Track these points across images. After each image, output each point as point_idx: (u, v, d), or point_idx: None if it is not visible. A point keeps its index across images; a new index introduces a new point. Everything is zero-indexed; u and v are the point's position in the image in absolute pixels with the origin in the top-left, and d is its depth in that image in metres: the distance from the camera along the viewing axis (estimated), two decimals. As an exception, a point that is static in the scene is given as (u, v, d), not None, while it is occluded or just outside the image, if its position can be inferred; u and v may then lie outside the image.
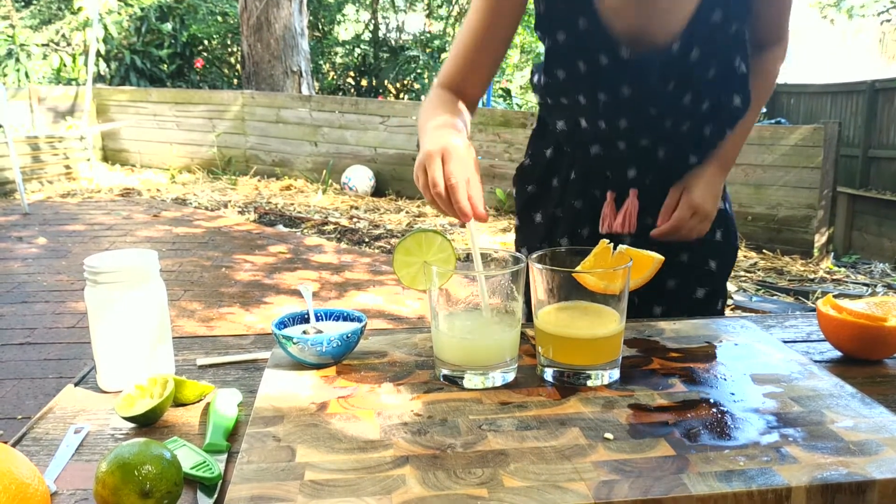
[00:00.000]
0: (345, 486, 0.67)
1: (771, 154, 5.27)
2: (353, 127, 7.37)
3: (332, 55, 11.62)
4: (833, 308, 1.01)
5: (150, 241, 5.44)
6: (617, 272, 0.88)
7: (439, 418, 0.80)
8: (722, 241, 1.30)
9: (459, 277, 0.89)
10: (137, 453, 0.66)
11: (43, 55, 11.23)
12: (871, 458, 0.71)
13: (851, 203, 6.61)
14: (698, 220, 1.21)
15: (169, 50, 10.79)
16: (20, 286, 4.32)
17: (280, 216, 6.29)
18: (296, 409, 0.82)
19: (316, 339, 0.92)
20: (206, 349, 1.06)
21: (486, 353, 0.88)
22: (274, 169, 7.95)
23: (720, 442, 0.74)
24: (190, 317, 3.77)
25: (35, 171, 7.68)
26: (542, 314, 0.91)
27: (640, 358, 0.97)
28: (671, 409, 0.82)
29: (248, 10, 8.54)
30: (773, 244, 5.35)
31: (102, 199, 7.12)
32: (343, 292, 4.25)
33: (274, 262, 4.90)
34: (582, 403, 0.83)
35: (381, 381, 0.90)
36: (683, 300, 1.28)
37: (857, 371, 0.95)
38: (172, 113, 8.49)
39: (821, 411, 0.81)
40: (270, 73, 8.66)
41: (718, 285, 1.30)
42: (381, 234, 5.74)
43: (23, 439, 0.81)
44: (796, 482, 0.67)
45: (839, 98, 8.12)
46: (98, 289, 0.91)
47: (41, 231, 5.72)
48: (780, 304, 4.15)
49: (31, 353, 3.32)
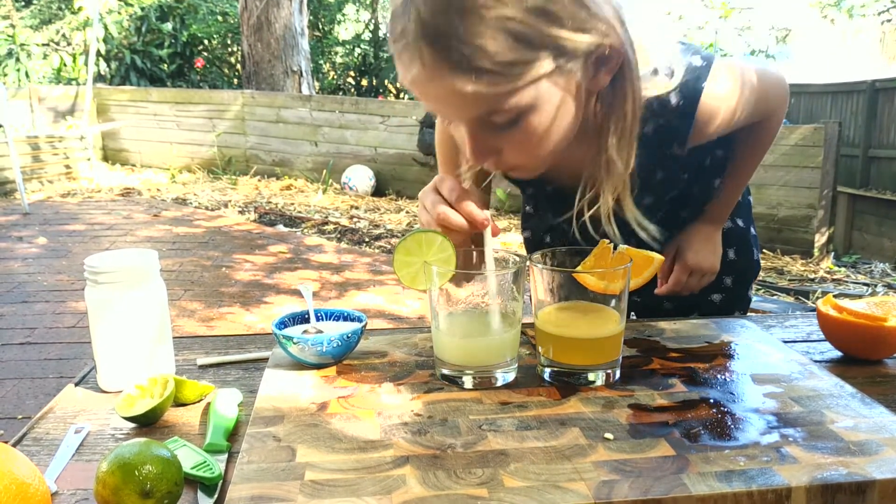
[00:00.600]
0: (345, 486, 0.67)
1: (771, 154, 5.26)
2: (353, 127, 7.37)
3: (333, 55, 11.63)
4: (833, 308, 1.01)
5: (151, 240, 5.44)
6: (617, 272, 0.88)
7: (439, 418, 0.80)
8: (736, 258, 1.28)
9: (460, 277, 0.89)
10: (138, 453, 0.66)
11: (43, 55, 11.24)
12: (872, 458, 0.71)
13: (852, 203, 6.60)
14: (698, 278, 1.21)
15: (169, 50, 10.79)
16: (20, 286, 4.32)
17: (280, 216, 6.29)
18: (296, 409, 0.82)
19: (316, 339, 0.92)
20: (207, 349, 1.06)
21: (487, 352, 0.88)
22: (274, 169, 7.95)
23: (720, 442, 0.74)
24: (190, 317, 3.77)
25: (35, 171, 7.68)
26: (542, 314, 0.91)
27: (641, 358, 0.97)
28: (671, 409, 0.82)
29: (249, 10, 8.54)
30: (774, 244, 5.35)
31: (103, 199, 7.12)
32: (343, 292, 4.25)
33: (274, 261, 4.90)
34: (582, 403, 0.83)
35: (382, 381, 0.90)
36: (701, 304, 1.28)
37: (857, 371, 0.95)
38: (173, 113, 8.49)
39: (821, 411, 0.81)
40: (271, 72, 8.66)
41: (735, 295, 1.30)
42: (381, 233, 5.74)
43: (23, 439, 0.81)
44: (796, 482, 0.67)
45: (839, 98, 8.12)
46: (98, 289, 0.91)
47: (41, 231, 5.72)
48: (780, 304, 4.15)
49: (32, 352, 3.32)
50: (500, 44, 0.76)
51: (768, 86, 1.08)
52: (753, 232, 1.33)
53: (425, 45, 0.77)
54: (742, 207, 1.29)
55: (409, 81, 0.83)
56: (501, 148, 0.87)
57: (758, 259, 1.32)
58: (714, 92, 0.98)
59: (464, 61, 0.77)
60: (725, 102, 1.00)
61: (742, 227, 1.30)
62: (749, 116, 1.06)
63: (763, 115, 1.10)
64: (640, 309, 1.32)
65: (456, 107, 0.83)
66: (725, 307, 1.30)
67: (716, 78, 0.98)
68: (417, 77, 0.81)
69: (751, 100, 1.03)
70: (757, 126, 1.13)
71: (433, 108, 0.89)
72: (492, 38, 0.76)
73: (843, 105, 8.02)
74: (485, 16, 0.75)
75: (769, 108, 1.11)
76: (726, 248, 1.26)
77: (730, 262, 1.27)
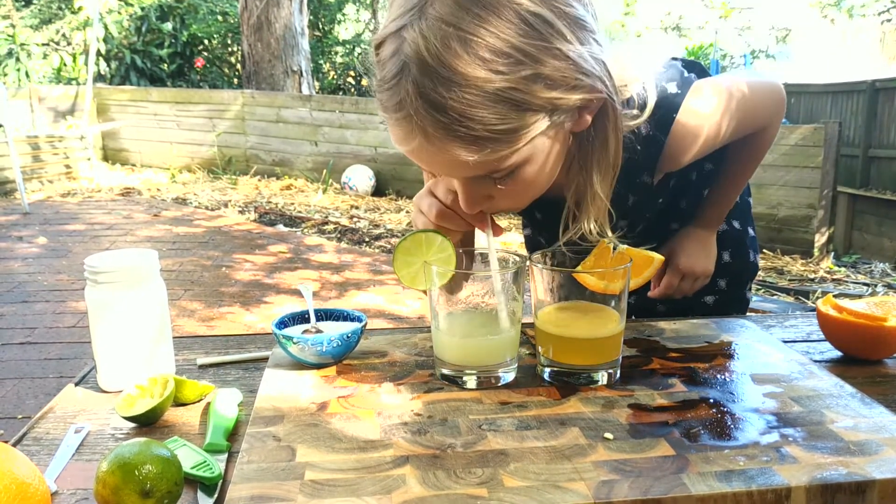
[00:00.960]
0: (345, 486, 0.67)
1: (771, 153, 5.26)
2: (353, 126, 7.37)
3: (333, 55, 11.63)
4: (833, 308, 1.01)
5: (151, 240, 5.45)
6: (617, 272, 0.88)
7: (439, 418, 0.80)
8: (731, 261, 1.27)
9: (460, 277, 0.89)
10: (138, 453, 0.66)
11: (43, 55, 11.24)
12: (871, 458, 0.71)
13: (852, 203, 6.60)
14: (690, 281, 1.21)
15: (169, 49, 10.80)
16: (20, 286, 4.32)
17: (280, 216, 6.29)
18: (296, 409, 0.82)
19: (316, 339, 0.92)
20: (207, 349, 1.06)
21: (487, 352, 0.88)
22: (274, 168, 7.95)
23: (720, 442, 0.74)
24: (190, 316, 3.77)
25: (35, 171, 7.68)
26: (542, 314, 0.91)
27: (640, 358, 0.97)
28: (671, 409, 0.82)
29: (249, 10, 8.54)
30: (774, 244, 5.35)
31: (103, 199, 7.12)
32: (343, 292, 4.25)
33: (274, 261, 4.90)
34: (582, 403, 0.83)
35: (382, 381, 0.90)
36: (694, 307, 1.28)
37: (857, 371, 0.95)
38: (173, 112, 8.49)
39: (821, 411, 0.81)
40: (271, 72, 8.66)
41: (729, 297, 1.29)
42: (381, 233, 5.74)
43: (23, 439, 0.81)
44: (796, 482, 0.67)
45: (839, 98, 8.11)
46: (98, 288, 0.91)
47: (41, 231, 5.72)
48: (780, 304, 4.15)
49: (32, 352, 3.32)
50: (500, 113, 0.76)
51: (761, 99, 1.06)
52: (752, 233, 1.31)
53: (428, 120, 0.76)
54: (739, 209, 1.28)
55: (408, 150, 0.83)
56: (493, 195, 0.88)
57: (754, 261, 1.31)
58: (687, 121, 0.97)
59: (467, 135, 0.76)
60: (702, 128, 0.99)
61: (738, 229, 1.29)
62: (737, 132, 1.04)
63: (756, 128, 1.09)
64: (634, 311, 1.31)
65: (456, 170, 0.83)
66: (719, 310, 1.29)
67: (691, 106, 0.97)
68: (418, 147, 0.80)
69: (739, 117, 1.02)
70: (750, 138, 1.11)
71: (430, 170, 0.89)
72: (493, 110, 0.75)
73: (843, 105, 8.01)
74: (484, 88, 0.74)
75: (762, 121, 1.09)
76: (721, 251, 1.25)
77: (724, 264, 1.26)
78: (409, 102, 0.76)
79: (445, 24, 0.74)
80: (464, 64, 0.74)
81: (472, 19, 0.74)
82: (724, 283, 1.28)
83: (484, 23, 0.74)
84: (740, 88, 1.02)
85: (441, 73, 0.74)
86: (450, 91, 0.74)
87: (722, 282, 1.28)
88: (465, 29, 0.74)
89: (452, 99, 0.74)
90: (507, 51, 0.74)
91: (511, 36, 0.74)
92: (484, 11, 0.74)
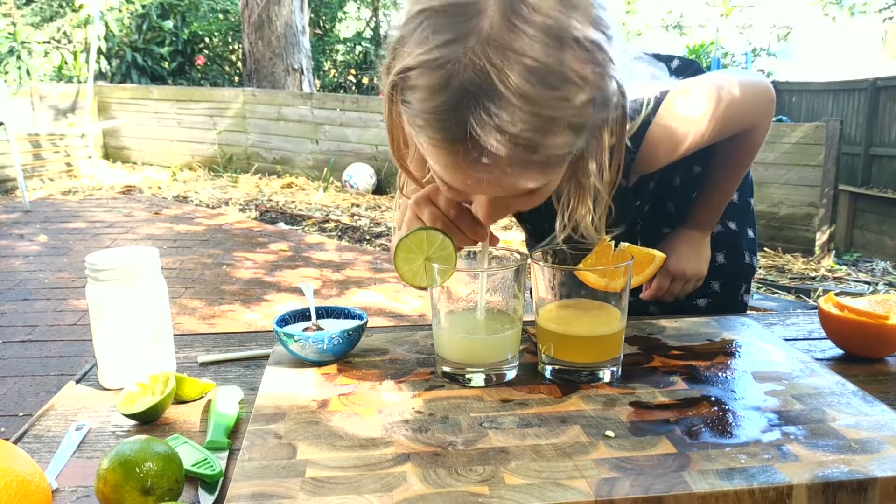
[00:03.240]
0: (346, 484, 0.67)
1: (772, 152, 5.26)
2: (354, 124, 7.37)
3: (334, 53, 11.63)
4: (835, 306, 1.01)
5: (151, 238, 5.45)
6: (618, 270, 0.88)
7: (440, 416, 0.80)
8: (726, 262, 1.25)
9: (460, 275, 0.89)
10: (139, 450, 0.66)
11: (44, 53, 11.25)
12: (873, 456, 0.71)
13: (853, 201, 6.59)
14: (681, 283, 1.19)
15: (170, 47, 10.79)
16: (21, 283, 4.32)
17: (281, 214, 6.29)
18: (297, 407, 0.82)
19: (317, 337, 0.92)
20: (207, 346, 1.06)
21: (488, 350, 0.88)
22: (275, 166, 7.95)
23: (721, 440, 0.74)
24: (191, 314, 3.77)
25: (36, 169, 7.68)
26: (543, 312, 0.91)
27: (642, 356, 0.97)
28: (672, 407, 0.82)
29: (250, 8, 8.54)
30: (775, 242, 5.35)
31: (103, 197, 7.13)
32: (344, 290, 4.25)
33: (275, 259, 4.90)
34: (583, 401, 0.83)
35: (383, 379, 0.90)
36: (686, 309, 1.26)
37: (858, 369, 0.95)
38: (173, 110, 8.49)
39: (822, 409, 0.81)
40: (272, 70, 8.66)
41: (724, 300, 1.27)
42: (382, 231, 5.74)
43: (24, 436, 0.81)
44: (798, 480, 0.67)
45: (841, 96, 8.11)
46: (99, 286, 0.91)
47: (42, 228, 5.72)
48: (781, 302, 4.15)
49: (33, 350, 3.32)
50: (569, 139, 0.75)
51: (747, 98, 1.04)
52: (751, 235, 1.28)
53: (505, 152, 0.72)
54: (736, 210, 1.25)
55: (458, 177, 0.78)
56: (511, 205, 0.87)
57: (751, 263, 1.28)
58: (666, 123, 0.96)
59: (539, 162, 0.75)
60: (680, 130, 0.97)
61: (734, 230, 1.26)
62: (722, 133, 1.03)
63: (743, 128, 1.08)
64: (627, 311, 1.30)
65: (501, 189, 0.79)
66: (713, 313, 1.23)
67: (670, 110, 0.96)
68: (478, 178, 0.76)
69: (723, 117, 1.00)
70: (738, 138, 1.10)
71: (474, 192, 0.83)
72: (564, 136, 0.74)
73: (844, 103, 8.01)
74: (557, 116, 0.72)
75: (749, 121, 1.08)
76: (715, 252, 1.22)
77: (718, 266, 1.24)
78: (482, 134, 0.71)
79: (515, 53, 0.70)
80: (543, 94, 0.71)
81: (533, 43, 0.70)
82: (718, 285, 1.26)
83: (552, 50, 0.71)
84: (725, 87, 1.01)
85: (513, 102, 0.70)
86: (528, 122, 0.71)
87: (715, 284, 1.25)
88: (534, 56, 0.70)
89: (532, 130, 0.71)
90: (575, 80, 0.72)
91: (579, 66, 0.72)
92: (550, 39, 0.71)
